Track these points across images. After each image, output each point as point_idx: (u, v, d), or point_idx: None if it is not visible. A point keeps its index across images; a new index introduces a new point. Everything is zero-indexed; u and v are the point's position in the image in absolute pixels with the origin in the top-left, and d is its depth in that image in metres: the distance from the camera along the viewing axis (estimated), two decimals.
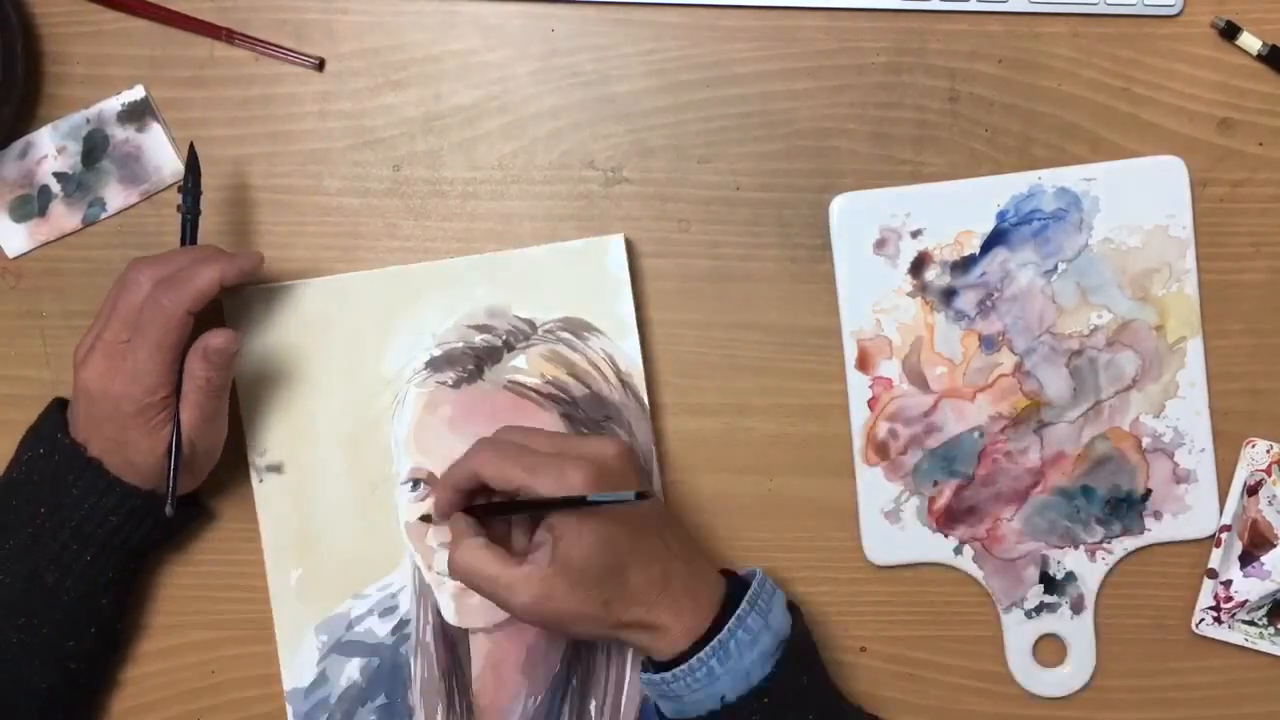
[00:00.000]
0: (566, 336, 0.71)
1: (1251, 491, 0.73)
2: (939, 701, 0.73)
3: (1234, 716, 0.73)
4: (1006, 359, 0.72)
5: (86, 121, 0.72)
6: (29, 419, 0.67)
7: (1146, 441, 0.72)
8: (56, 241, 0.72)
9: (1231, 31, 0.72)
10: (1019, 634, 0.73)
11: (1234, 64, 0.72)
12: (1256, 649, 0.73)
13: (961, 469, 0.72)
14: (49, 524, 0.64)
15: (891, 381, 0.72)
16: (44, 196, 0.72)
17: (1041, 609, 0.72)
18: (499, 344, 0.71)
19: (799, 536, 0.73)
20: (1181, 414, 0.72)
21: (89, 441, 0.64)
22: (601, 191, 0.72)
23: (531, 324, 0.71)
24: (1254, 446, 0.73)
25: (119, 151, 0.72)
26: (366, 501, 0.71)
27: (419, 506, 0.71)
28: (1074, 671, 0.73)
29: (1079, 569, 0.72)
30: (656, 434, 0.72)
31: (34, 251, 0.72)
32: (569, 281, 0.71)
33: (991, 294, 0.72)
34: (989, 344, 0.72)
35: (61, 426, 0.65)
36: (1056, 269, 0.72)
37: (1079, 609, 0.73)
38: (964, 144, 0.72)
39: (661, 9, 0.72)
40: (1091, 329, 0.72)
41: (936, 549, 0.72)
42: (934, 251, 0.71)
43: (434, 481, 0.70)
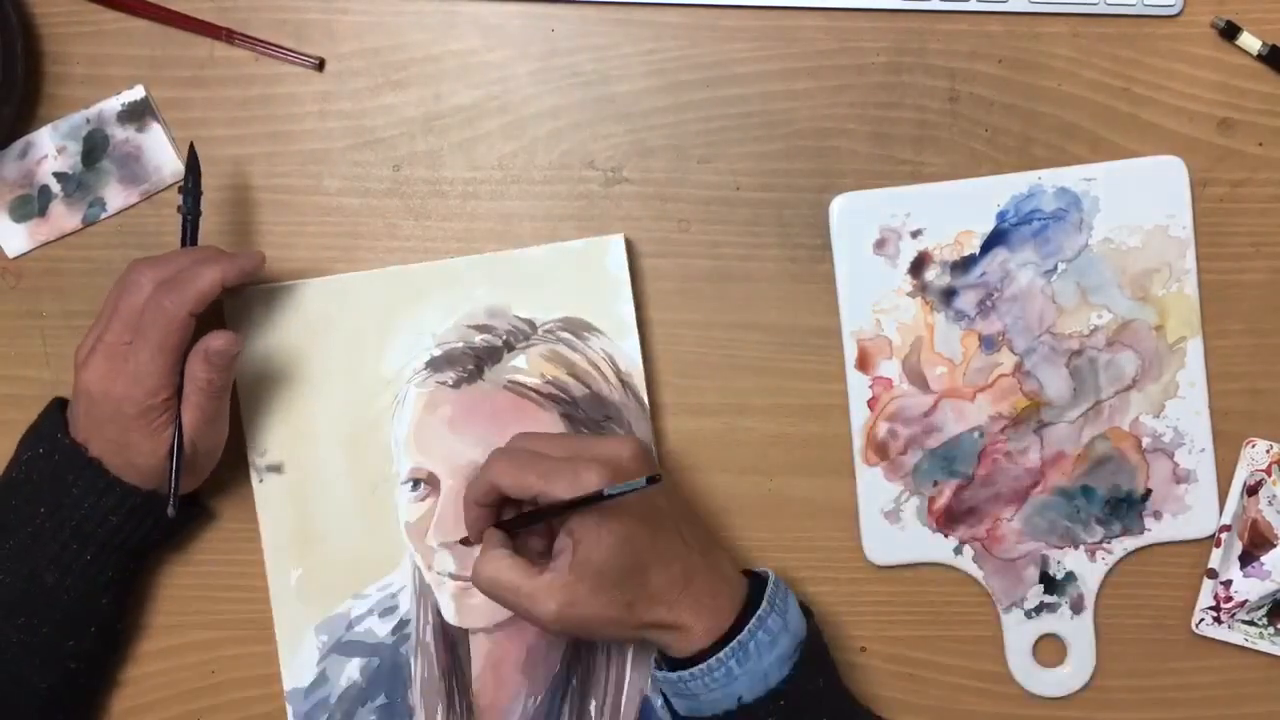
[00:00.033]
0: (566, 336, 0.71)
1: (1251, 491, 0.73)
2: (939, 701, 0.73)
3: (1234, 716, 0.73)
4: (1006, 359, 0.72)
5: (86, 121, 0.72)
6: (29, 419, 0.67)
7: (1146, 441, 0.72)
8: (56, 241, 0.72)
9: (1231, 31, 0.72)
10: (1019, 634, 0.73)
11: (1234, 64, 0.72)
12: (1256, 649, 0.73)
13: (961, 469, 0.72)
14: (49, 524, 0.64)
15: (891, 381, 0.72)
16: (44, 196, 0.72)
17: (1041, 609, 0.72)
18: (499, 344, 0.71)
19: (799, 536, 0.73)
20: (1181, 414, 0.72)
21: (89, 441, 0.64)
22: (601, 191, 0.72)
23: (531, 324, 0.71)
24: (1254, 446, 0.73)
25: (119, 151, 0.72)
26: (366, 501, 0.71)
27: (419, 506, 0.71)
28: (1074, 671, 0.73)
29: (1079, 569, 0.72)
30: (656, 434, 0.72)
31: (34, 251, 0.72)
32: (569, 281, 0.71)
33: (991, 294, 0.72)
34: (989, 344, 0.72)
35: (61, 426, 0.65)
36: (1056, 269, 0.71)
37: (1079, 609, 0.73)
38: (964, 144, 0.72)
39: (661, 9, 0.72)
40: (1091, 329, 0.72)
41: (936, 549, 0.72)
42: (934, 251, 0.71)
43: (434, 481, 0.70)
